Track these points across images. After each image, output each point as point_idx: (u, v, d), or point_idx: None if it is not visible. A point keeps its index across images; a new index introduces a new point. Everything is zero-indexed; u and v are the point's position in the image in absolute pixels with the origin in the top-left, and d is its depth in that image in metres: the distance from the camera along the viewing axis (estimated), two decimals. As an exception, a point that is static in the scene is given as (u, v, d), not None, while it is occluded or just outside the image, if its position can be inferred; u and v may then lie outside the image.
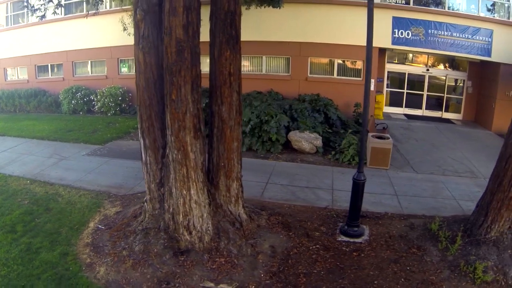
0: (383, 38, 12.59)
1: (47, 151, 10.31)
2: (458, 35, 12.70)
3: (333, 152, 9.49)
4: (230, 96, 5.55)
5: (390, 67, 14.31)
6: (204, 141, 5.61)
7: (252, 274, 5.22)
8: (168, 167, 5.52)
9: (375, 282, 5.03)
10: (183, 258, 5.38)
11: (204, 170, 5.59)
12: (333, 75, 13.06)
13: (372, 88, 13.01)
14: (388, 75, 14.41)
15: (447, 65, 14.69)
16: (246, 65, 13.63)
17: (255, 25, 12.51)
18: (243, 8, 11.21)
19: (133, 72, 13.85)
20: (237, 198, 5.99)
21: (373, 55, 12.74)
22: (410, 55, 14.42)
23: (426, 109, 14.53)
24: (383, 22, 12.53)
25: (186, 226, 5.53)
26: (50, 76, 15.82)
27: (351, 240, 5.99)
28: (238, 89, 5.65)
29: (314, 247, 5.82)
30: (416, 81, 14.48)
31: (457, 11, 12.99)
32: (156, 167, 5.76)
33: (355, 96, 12.63)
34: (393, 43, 12.68)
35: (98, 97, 13.41)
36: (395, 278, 5.11)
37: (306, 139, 9.63)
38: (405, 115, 14.37)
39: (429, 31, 12.60)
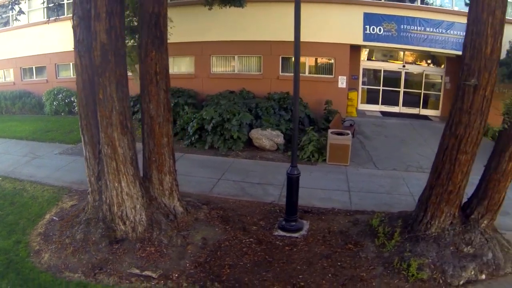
0: (354, 34, 12.80)
1: (23, 150, 10.93)
2: (431, 30, 12.78)
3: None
4: (157, 94, 5.95)
5: (365, 64, 14.45)
6: (134, 137, 6.03)
7: (178, 264, 5.59)
8: (102, 161, 5.97)
9: (300, 276, 5.23)
10: (117, 247, 5.82)
11: (134, 164, 6.00)
12: (304, 73, 13.31)
13: (343, 85, 13.26)
14: (363, 72, 14.55)
15: (424, 61, 14.71)
16: (218, 65, 14.05)
17: (226, 25, 12.91)
18: (205, 9, 11.72)
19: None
20: (171, 191, 6.39)
21: (344, 52, 13.18)
22: (387, 51, 14.52)
23: (403, 106, 14.59)
24: (354, 18, 12.73)
25: (120, 217, 5.96)
26: (34, 78, 16.54)
27: (288, 234, 6.23)
28: (165, 88, 6.03)
29: (247, 240, 6.12)
30: (392, 78, 14.57)
31: (430, 6, 13.10)
32: (94, 161, 6.23)
33: (327, 94, 12.89)
34: (364, 40, 12.86)
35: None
36: (322, 273, 5.27)
37: (267, 137, 9.96)
38: (381, 112, 14.47)
39: (402, 26, 12.72)
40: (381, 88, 14.52)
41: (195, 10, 12.74)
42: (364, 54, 14.62)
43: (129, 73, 12.60)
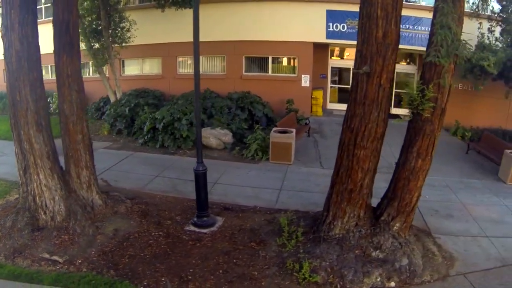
0: (317, 32, 13.25)
1: (-6, 149, 12.01)
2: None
3: (237, 148, 10.36)
4: (70, 95, 6.70)
5: (334, 62, 14.81)
6: (50, 133, 6.79)
7: (84, 251, 6.26)
8: (25, 156, 6.78)
9: (191, 270, 5.56)
10: (37, 234, 6.57)
11: (51, 159, 6.74)
12: (267, 72, 13.87)
13: (307, 84, 13.70)
14: (332, 70, 14.90)
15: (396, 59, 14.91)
16: (184, 66, 14.80)
17: (190, 27, 13.56)
18: (171, 11, 12.47)
19: (86, 75, 15.48)
20: (89, 185, 7.12)
21: (307, 50, 13.62)
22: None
23: None
24: (317, 16, 13.17)
25: (41, 207, 6.73)
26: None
27: (198, 230, 6.69)
28: (77, 89, 6.78)
29: (156, 233, 6.68)
30: None
31: None
32: (22, 156, 7.03)
33: (290, 93, 13.38)
34: (327, 37, 13.27)
35: (53, 99, 15.11)
36: (214, 269, 5.55)
37: (215, 136, 10.58)
38: None
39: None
40: (350, 86, 14.78)
41: (161, 13, 13.56)
42: (334, 52, 15.00)
43: (97, 75, 13.66)
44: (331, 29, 13.18)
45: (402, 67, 14.75)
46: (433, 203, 8.01)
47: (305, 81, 13.53)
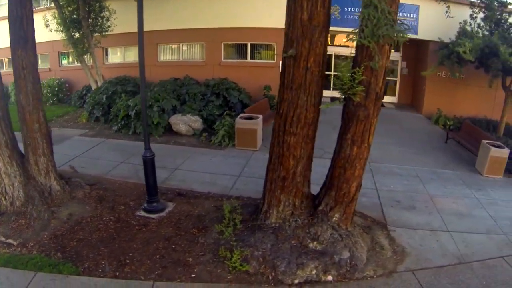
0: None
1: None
2: (378, 11, 12.90)
3: (204, 134, 10.72)
4: (25, 86, 7.14)
5: None
6: (8, 122, 7.28)
7: (38, 235, 6.72)
8: (-14, 144, 7.32)
9: (130, 254, 5.84)
10: (-2, 218, 7.18)
11: (10, 147, 7.25)
12: (246, 58, 14.05)
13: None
14: (315, 56, 14.90)
15: None
16: (165, 53, 15.13)
17: (171, 14, 13.92)
18: (131, 0, 12.69)
19: (72, 64, 16.02)
20: (47, 171, 7.62)
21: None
22: (338, 36, 14.74)
23: None
24: (296, 1, 13.12)
25: (1, 193, 7.29)
26: (5, 70, 18.57)
27: (147, 215, 7.03)
28: (32, 80, 7.18)
29: (108, 218, 7.08)
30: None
31: None
32: (-16, 144, 7.60)
33: (268, 79, 13.55)
34: None
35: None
36: (152, 254, 5.80)
37: (185, 122, 10.95)
38: (332, 98, 14.79)
39: (346, 8, 13.03)
40: (332, 73, 14.82)
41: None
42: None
43: (78, 64, 14.14)
44: (309, 14, 13.15)
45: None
46: (397, 194, 8.15)
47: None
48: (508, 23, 11.29)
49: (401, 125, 12.84)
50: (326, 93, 14.39)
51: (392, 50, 14.05)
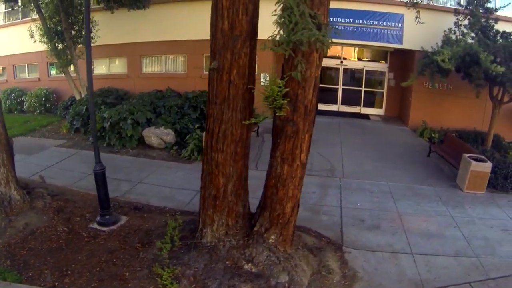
0: (276, 30, 13.61)
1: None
2: (361, 22, 13.23)
3: (174, 147, 11.14)
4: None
5: None
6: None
7: None
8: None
9: (73, 265, 6.08)
10: (-37, 226, 7.67)
11: (-32, 158, 7.83)
12: (228, 71, 14.48)
13: (266, 83, 14.14)
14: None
15: (366, 56, 15.02)
16: (149, 65, 15.75)
17: (154, 26, 14.53)
18: (124, 12, 13.38)
19: (61, 74, 16.82)
20: (7, 181, 8.07)
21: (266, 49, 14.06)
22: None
23: (342, 104, 15.06)
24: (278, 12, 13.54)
25: (-37, 201, 7.84)
26: (-3, 79, 19.70)
27: (99, 228, 7.32)
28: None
29: (62, 229, 7.39)
30: (330, 75, 15.11)
31: None
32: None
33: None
34: None
35: (27, 98, 16.64)
36: (93, 266, 6.01)
37: (157, 135, 11.41)
38: (317, 111, 15.03)
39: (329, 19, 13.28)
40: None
41: (126, 13, 14.54)
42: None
43: (62, 74, 14.89)
44: (290, 26, 13.56)
45: (372, 64, 14.89)
46: (363, 212, 8.06)
47: (264, 79, 14.00)
48: (494, 30, 11.23)
49: (383, 138, 12.89)
50: (333, 107, 14.77)
51: (382, 61, 14.41)
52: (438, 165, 11.11)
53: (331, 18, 13.27)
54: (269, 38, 4.72)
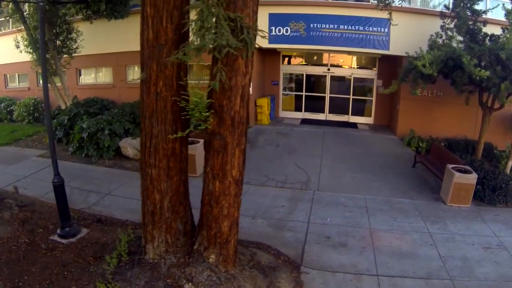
0: (259, 37, 13.78)
1: None
2: (346, 28, 13.25)
3: (149, 158, 11.37)
4: None
5: (286, 68, 15.20)
6: None
7: None
8: None
9: (26, 277, 6.14)
10: None
11: None
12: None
13: (249, 92, 14.33)
14: (285, 77, 15.33)
15: (353, 63, 14.98)
16: (134, 75, 16.09)
17: (136, 36, 14.84)
18: (109, 22, 13.75)
19: (51, 84, 17.36)
20: (-30, 194, 8.49)
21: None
22: (311, 54, 15.12)
23: (329, 113, 15.02)
24: (259, 20, 13.70)
25: None
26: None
27: (59, 240, 7.43)
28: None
29: (23, 240, 7.52)
30: (317, 83, 15.13)
31: (344, 1, 13.53)
32: None
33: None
34: (270, 42, 13.66)
35: (16, 107, 17.23)
36: (45, 279, 6.09)
37: (133, 146, 11.65)
38: (304, 119, 15.07)
39: (312, 25, 13.36)
40: (303, 93, 15.15)
41: (110, 23, 14.96)
42: (287, 57, 15.39)
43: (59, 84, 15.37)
44: (274, 33, 13.70)
45: (360, 71, 14.87)
46: (331, 228, 7.81)
47: (249, 88, 14.17)
48: (483, 33, 11.00)
49: (368, 148, 12.79)
50: (320, 116, 14.79)
51: (374, 68, 14.35)
52: (422, 176, 10.91)
53: (314, 24, 13.56)
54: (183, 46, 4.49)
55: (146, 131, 5.20)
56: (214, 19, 4.26)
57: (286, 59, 15.44)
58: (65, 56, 14.67)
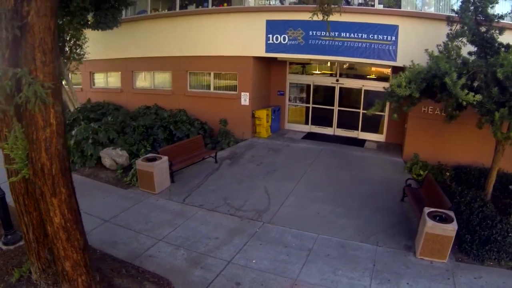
0: (257, 45, 13.79)
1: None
2: (348, 35, 12.62)
3: (120, 171, 12.29)
4: None
5: (292, 78, 14.92)
6: None
7: None
8: None
9: None
10: None
11: None
12: (209, 89, 15.15)
13: (246, 102, 14.50)
14: (292, 87, 15.08)
15: (365, 74, 14.16)
16: (140, 80, 17.29)
17: (145, 42, 15.99)
18: (125, 28, 15.10)
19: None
20: None
21: (247, 65, 14.87)
22: (320, 63, 14.62)
23: (338, 127, 14.37)
24: (256, 27, 13.66)
25: None
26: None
27: (1, 246, 8.35)
28: None
29: None
30: (325, 94, 14.57)
31: (345, 6, 12.79)
32: None
33: (230, 112, 14.40)
34: (267, 51, 13.61)
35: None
36: None
37: (111, 156, 12.71)
38: (309, 134, 14.56)
39: (311, 33, 12.99)
40: (310, 105, 14.73)
41: (119, 29, 16.32)
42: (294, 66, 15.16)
43: (66, 86, 17.40)
44: (271, 41, 13.57)
45: (371, 83, 14.02)
46: (248, 273, 7.32)
47: (245, 99, 14.30)
48: (498, 43, 9.39)
49: (362, 173, 11.82)
50: (328, 130, 14.34)
51: (388, 81, 13.50)
52: (407, 214, 9.49)
53: (313, 32, 13.20)
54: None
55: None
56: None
57: (293, 68, 15.28)
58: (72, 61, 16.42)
